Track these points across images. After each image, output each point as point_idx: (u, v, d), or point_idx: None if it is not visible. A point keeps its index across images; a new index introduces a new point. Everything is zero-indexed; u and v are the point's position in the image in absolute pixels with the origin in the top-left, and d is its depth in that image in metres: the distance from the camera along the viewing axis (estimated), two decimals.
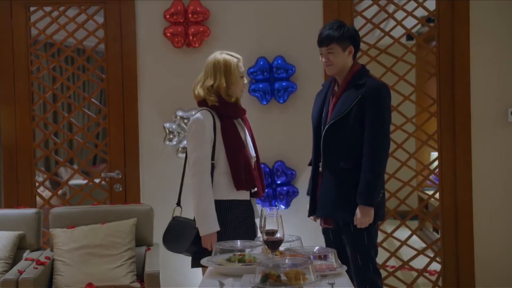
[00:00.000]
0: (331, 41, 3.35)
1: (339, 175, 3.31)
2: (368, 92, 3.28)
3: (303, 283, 2.15)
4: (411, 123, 4.65)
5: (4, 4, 4.58)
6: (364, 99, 3.27)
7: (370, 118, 3.26)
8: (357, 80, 3.34)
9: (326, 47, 3.36)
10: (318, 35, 3.42)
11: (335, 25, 3.39)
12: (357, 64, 3.44)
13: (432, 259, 4.55)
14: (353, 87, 3.33)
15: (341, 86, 3.39)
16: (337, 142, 3.32)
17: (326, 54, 3.38)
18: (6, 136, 4.61)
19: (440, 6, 4.45)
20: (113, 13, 4.56)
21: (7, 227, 4.01)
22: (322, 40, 3.39)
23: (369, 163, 3.23)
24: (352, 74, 3.38)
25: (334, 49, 3.35)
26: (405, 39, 6.22)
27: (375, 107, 3.27)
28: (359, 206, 3.24)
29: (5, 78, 4.61)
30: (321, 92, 3.56)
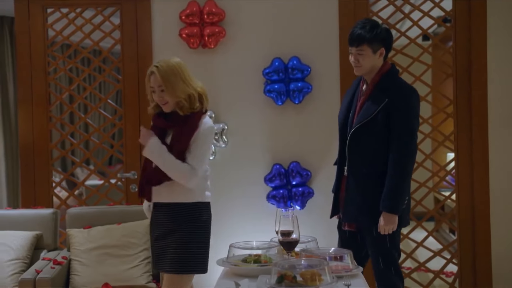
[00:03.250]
0: (362, 42, 3.25)
1: (363, 180, 3.26)
2: (395, 96, 3.21)
3: (319, 284, 2.14)
4: (427, 124, 4.63)
5: (22, 6, 4.62)
6: (391, 103, 3.20)
7: (397, 122, 3.19)
8: (385, 83, 3.27)
9: (356, 48, 3.26)
10: (350, 33, 3.31)
11: (368, 25, 3.27)
12: (387, 64, 3.35)
13: (448, 260, 4.52)
14: (380, 89, 3.25)
15: (369, 87, 3.32)
16: (363, 146, 3.26)
17: (355, 55, 3.28)
18: (23, 137, 4.65)
19: (457, 6, 4.42)
20: (129, 15, 4.58)
21: (24, 227, 4.04)
22: (352, 40, 3.28)
23: (395, 169, 3.18)
24: (380, 76, 3.30)
25: (365, 50, 3.26)
26: (421, 39, 6.19)
27: (402, 111, 3.21)
28: (383, 213, 3.18)
29: (23, 79, 4.65)
30: (350, 90, 3.48)
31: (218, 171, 4.52)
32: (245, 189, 4.48)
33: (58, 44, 4.82)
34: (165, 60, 3.06)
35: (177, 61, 3.08)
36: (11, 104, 7.73)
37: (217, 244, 4.33)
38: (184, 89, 3.01)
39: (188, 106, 3.02)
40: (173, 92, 2.99)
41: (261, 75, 4.43)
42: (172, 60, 3.07)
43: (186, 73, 3.06)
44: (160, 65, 3.03)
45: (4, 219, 4.10)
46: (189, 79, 3.06)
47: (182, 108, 3.03)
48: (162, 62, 3.05)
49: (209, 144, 3.10)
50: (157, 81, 3.00)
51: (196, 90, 3.06)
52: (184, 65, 3.09)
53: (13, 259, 3.82)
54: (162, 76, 2.99)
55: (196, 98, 3.05)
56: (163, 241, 3.07)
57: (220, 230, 4.47)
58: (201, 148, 3.03)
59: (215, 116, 4.47)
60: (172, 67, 3.02)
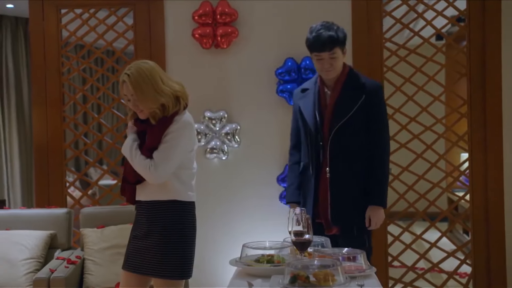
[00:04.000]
0: (335, 45, 3.17)
1: (350, 179, 3.22)
2: (370, 93, 3.22)
3: (332, 285, 2.14)
4: (440, 124, 4.60)
5: (36, 7, 4.65)
6: (367, 99, 3.20)
7: (376, 118, 3.23)
8: (354, 81, 3.25)
9: (330, 52, 3.17)
10: (314, 38, 3.19)
11: (333, 26, 3.20)
12: (345, 64, 3.31)
13: (462, 261, 4.49)
14: (353, 88, 3.23)
15: (336, 87, 3.25)
16: (345, 145, 3.21)
17: (328, 59, 3.18)
18: (37, 137, 4.68)
19: (471, 6, 4.39)
20: (142, 15, 4.60)
21: (38, 226, 4.07)
22: (324, 44, 3.16)
23: (380, 164, 3.23)
24: (345, 75, 3.26)
25: (337, 53, 3.18)
26: (434, 39, 6.16)
27: (378, 107, 3.25)
28: (372, 207, 3.20)
29: (37, 79, 4.68)
30: (308, 96, 3.35)
31: (230, 171, 4.53)
32: (257, 189, 4.49)
33: (71, 45, 4.85)
34: (137, 67, 2.87)
35: (148, 67, 2.89)
36: (25, 105, 7.79)
37: (230, 244, 4.36)
38: (156, 99, 2.84)
39: (161, 115, 2.88)
40: (145, 103, 2.84)
41: (273, 75, 4.43)
42: (144, 66, 2.88)
43: (158, 78, 2.87)
44: (131, 72, 2.85)
45: (19, 219, 4.13)
46: (162, 85, 2.87)
47: (154, 117, 2.89)
48: (133, 69, 2.87)
49: (179, 139, 2.88)
50: (129, 91, 2.85)
51: (171, 95, 2.88)
52: (156, 70, 2.91)
53: (27, 258, 3.85)
54: (133, 85, 2.84)
55: (171, 106, 2.88)
56: (141, 241, 2.95)
57: (232, 230, 4.48)
58: (169, 143, 2.86)
59: (228, 116, 4.47)
60: (143, 76, 2.84)
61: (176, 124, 2.89)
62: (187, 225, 2.96)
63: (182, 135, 2.89)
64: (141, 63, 2.90)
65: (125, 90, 2.89)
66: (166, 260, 2.91)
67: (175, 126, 2.88)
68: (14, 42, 7.75)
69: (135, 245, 2.99)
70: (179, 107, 2.92)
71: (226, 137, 4.47)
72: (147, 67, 2.89)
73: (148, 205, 2.96)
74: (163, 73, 2.95)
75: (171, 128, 2.88)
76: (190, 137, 2.95)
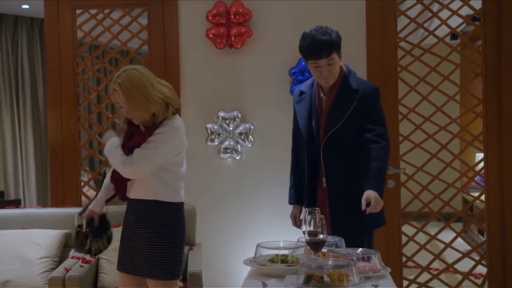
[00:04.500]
0: (332, 50, 3.03)
1: (347, 188, 3.08)
2: (363, 97, 3.08)
3: (347, 285, 2.13)
4: (455, 124, 4.58)
5: (51, 7, 4.68)
6: (360, 104, 3.07)
7: (370, 118, 3.07)
8: (348, 85, 3.12)
9: (327, 58, 3.03)
10: (309, 45, 3.05)
11: (324, 30, 3.05)
12: (341, 66, 3.17)
13: (477, 262, 4.46)
14: (346, 92, 3.10)
15: (331, 92, 3.14)
16: (339, 152, 3.10)
17: (326, 66, 3.05)
18: (53, 137, 4.71)
19: (486, 5, 4.36)
20: (156, 15, 4.61)
21: (53, 225, 4.10)
22: (321, 51, 3.01)
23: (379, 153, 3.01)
24: (340, 79, 3.13)
25: (334, 58, 3.05)
26: (449, 38, 6.13)
27: (371, 108, 3.10)
28: (371, 192, 2.95)
29: (52, 80, 4.71)
30: (304, 100, 3.25)
31: (244, 171, 4.53)
32: (271, 189, 4.48)
33: (86, 45, 4.88)
34: (127, 75, 2.85)
35: (138, 74, 2.87)
36: (40, 105, 7.85)
37: (244, 244, 4.37)
38: (147, 108, 2.84)
39: (151, 123, 2.90)
40: (136, 111, 2.86)
41: (287, 75, 4.43)
42: (134, 74, 2.86)
43: (149, 85, 2.86)
44: (121, 81, 2.84)
45: (34, 218, 4.16)
46: (153, 92, 2.86)
47: (145, 124, 2.91)
48: (123, 77, 2.85)
49: (162, 142, 2.88)
50: (121, 99, 2.86)
51: (161, 103, 2.87)
52: (146, 76, 2.89)
53: (43, 257, 3.88)
54: (125, 94, 2.83)
55: (160, 114, 2.88)
56: (129, 241, 2.99)
57: (246, 230, 4.49)
58: (151, 143, 2.87)
59: (242, 116, 4.48)
60: (134, 84, 2.83)
61: (164, 127, 2.91)
62: (171, 226, 2.98)
63: (167, 139, 2.91)
64: (131, 70, 2.89)
65: (116, 98, 2.89)
66: (152, 260, 2.94)
67: (162, 129, 2.90)
68: (30, 43, 7.81)
69: (124, 245, 3.05)
70: (168, 114, 2.91)
71: (240, 137, 4.48)
72: (137, 74, 2.87)
73: (134, 204, 3.02)
74: (153, 78, 2.93)
75: (157, 130, 2.90)
76: (176, 142, 2.95)
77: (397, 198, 4.38)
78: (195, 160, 4.56)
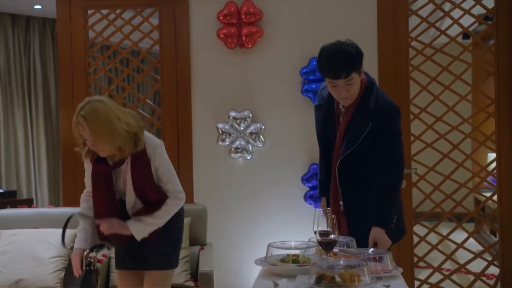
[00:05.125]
0: (351, 70, 2.82)
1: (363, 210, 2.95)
2: (378, 119, 2.89)
3: (358, 285, 2.13)
4: (467, 124, 4.55)
5: (63, 8, 4.70)
6: (375, 126, 2.89)
7: (383, 142, 2.90)
8: (366, 103, 2.91)
9: (346, 79, 2.82)
10: (326, 63, 2.83)
11: (344, 47, 2.84)
12: (363, 79, 2.95)
13: (490, 262, 4.44)
14: (363, 112, 2.91)
15: (349, 110, 2.96)
16: (356, 174, 2.96)
17: (344, 86, 2.84)
18: (65, 137, 4.73)
19: (499, 4, 4.34)
20: (167, 15, 4.62)
21: None
22: (339, 71, 2.80)
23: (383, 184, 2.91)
24: (360, 95, 2.93)
25: (354, 78, 2.84)
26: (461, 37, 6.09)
27: (387, 131, 2.91)
28: (374, 231, 2.88)
29: (64, 80, 4.73)
30: (321, 108, 3.10)
31: (255, 170, 4.53)
32: (282, 189, 4.48)
33: (98, 45, 4.90)
34: (92, 108, 2.77)
35: (103, 107, 2.79)
36: (52, 105, 7.90)
37: (255, 243, 4.37)
38: (113, 141, 2.78)
39: (119, 156, 2.85)
40: (102, 145, 2.79)
41: (298, 75, 4.42)
42: (99, 107, 2.78)
43: (114, 118, 2.78)
44: (86, 114, 2.75)
45: (46, 218, 4.18)
46: (119, 124, 2.78)
47: (112, 158, 2.86)
48: (88, 109, 2.77)
49: (166, 159, 2.95)
50: (86, 133, 2.77)
51: (127, 136, 2.80)
52: (111, 108, 2.80)
53: (55, 256, 3.90)
54: (90, 128, 2.75)
55: (128, 148, 2.82)
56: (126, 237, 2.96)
57: (257, 230, 4.49)
58: (165, 168, 2.92)
59: (252, 116, 4.48)
60: (99, 117, 2.76)
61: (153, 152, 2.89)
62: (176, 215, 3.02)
63: (163, 153, 2.95)
64: (96, 102, 2.80)
65: (81, 131, 2.80)
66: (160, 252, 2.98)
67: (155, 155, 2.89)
68: (42, 43, 7.85)
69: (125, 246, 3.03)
70: (141, 146, 2.86)
71: (251, 136, 4.48)
72: (102, 106, 2.79)
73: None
74: (118, 109, 2.85)
75: (154, 159, 2.89)
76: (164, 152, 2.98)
77: (409, 198, 4.36)
78: (206, 160, 4.58)
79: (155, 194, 2.91)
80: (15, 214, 4.27)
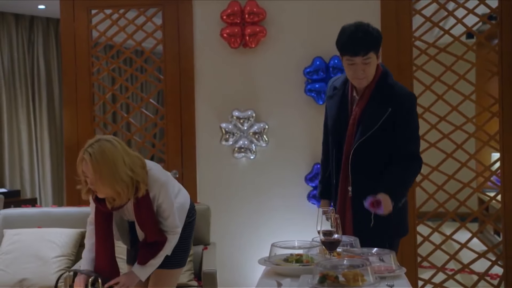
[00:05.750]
0: (370, 49, 2.85)
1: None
2: (398, 105, 2.89)
3: (362, 285, 2.13)
4: (471, 123, 4.54)
5: (67, 8, 4.71)
6: (394, 112, 2.88)
7: (404, 136, 2.91)
8: (383, 90, 2.92)
9: (364, 57, 2.84)
10: (347, 40, 2.87)
11: (365, 27, 2.88)
12: (378, 66, 2.97)
13: (493, 262, 4.43)
14: (380, 98, 2.91)
15: (365, 95, 2.95)
16: (368, 162, 2.93)
17: (361, 65, 2.86)
18: (68, 136, 4.74)
19: (503, 4, 4.33)
20: (171, 15, 4.63)
21: (69, 224, 4.12)
22: (358, 48, 2.83)
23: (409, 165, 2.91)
24: (375, 81, 2.94)
25: (371, 57, 2.87)
26: (465, 37, 6.08)
27: (407, 116, 2.92)
28: (383, 195, 2.81)
29: (68, 79, 4.74)
30: (335, 97, 3.08)
31: (258, 170, 4.53)
32: (285, 189, 4.48)
33: (101, 45, 4.90)
34: (100, 147, 2.70)
35: (111, 148, 2.72)
36: (56, 104, 7.91)
37: (258, 243, 4.37)
38: (113, 186, 2.70)
39: (118, 201, 2.79)
40: (101, 187, 2.72)
41: (302, 74, 4.42)
42: (107, 147, 2.71)
43: (121, 162, 2.71)
44: (93, 152, 2.69)
45: (50, 217, 4.19)
46: (123, 169, 2.71)
47: (111, 202, 2.82)
48: (96, 148, 2.70)
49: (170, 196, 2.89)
50: (89, 171, 2.70)
51: (129, 183, 2.74)
52: (119, 151, 2.73)
53: (58, 255, 3.90)
54: (94, 167, 2.67)
55: (125, 194, 2.75)
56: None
57: (260, 229, 4.49)
58: (168, 205, 2.87)
59: (256, 115, 4.48)
60: (105, 158, 2.68)
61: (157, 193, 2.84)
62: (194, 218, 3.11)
63: (167, 191, 2.88)
64: (105, 142, 2.73)
65: (84, 167, 2.73)
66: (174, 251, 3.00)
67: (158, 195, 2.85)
68: (46, 43, 7.87)
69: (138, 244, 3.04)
70: (142, 193, 2.79)
71: (254, 136, 4.48)
72: (110, 147, 2.72)
73: None
74: (126, 152, 2.77)
75: (157, 200, 2.85)
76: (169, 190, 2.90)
77: (412, 198, 4.35)
78: (209, 160, 4.58)
79: (155, 235, 2.89)
80: (19, 213, 4.28)
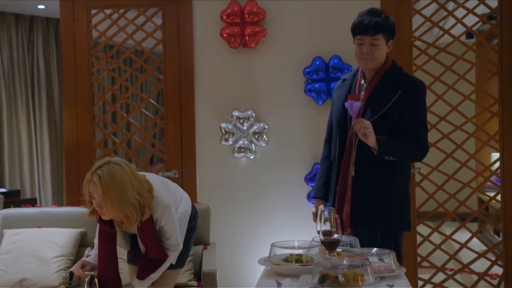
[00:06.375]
0: (379, 31, 2.96)
1: (375, 183, 2.97)
2: (408, 88, 2.97)
3: (362, 285, 2.13)
4: (471, 123, 4.54)
5: (67, 7, 4.71)
6: (404, 96, 2.95)
7: (410, 116, 2.96)
8: (393, 76, 3.02)
9: (372, 37, 2.96)
10: (359, 21, 3.01)
11: (382, 13, 3.01)
12: (389, 58, 3.09)
13: (493, 262, 4.43)
14: (389, 83, 2.99)
15: (373, 81, 3.03)
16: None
17: (369, 45, 2.98)
18: (68, 136, 4.74)
19: (503, 3, 4.33)
20: (171, 15, 4.63)
21: (69, 224, 4.12)
22: (367, 28, 2.96)
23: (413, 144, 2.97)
24: (385, 69, 3.04)
25: (380, 40, 2.97)
26: (465, 37, 6.08)
27: (417, 103, 2.98)
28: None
29: (68, 79, 4.74)
30: (343, 86, 3.17)
31: (258, 170, 4.53)
32: (285, 189, 4.48)
33: (101, 45, 4.90)
34: (110, 170, 2.69)
35: (121, 172, 2.70)
36: (56, 104, 7.91)
37: (258, 243, 4.37)
38: (122, 209, 2.70)
39: (127, 225, 2.79)
40: (109, 210, 2.71)
41: (301, 74, 4.42)
42: (117, 171, 2.70)
43: (129, 186, 2.70)
44: (102, 174, 2.67)
45: (50, 217, 4.19)
46: (132, 193, 2.70)
47: (120, 225, 2.82)
48: (105, 171, 2.69)
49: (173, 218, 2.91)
50: (97, 193, 2.69)
51: (137, 206, 2.74)
52: (128, 174, 2.72)
53: (58, 255, 3.90)
54: (103, 190, 2.66)
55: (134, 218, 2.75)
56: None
57: (260, 229, 4.49)
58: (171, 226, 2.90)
59: (256, 115, 4.48)
60: (114, 182, 2.67)
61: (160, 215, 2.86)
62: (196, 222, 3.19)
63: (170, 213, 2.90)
64: (115, 166, 2.72)
65: (91, 189, 2.71)
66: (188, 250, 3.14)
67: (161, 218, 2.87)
68: (45, 43, 7.87)
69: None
70: (146, 217, 2.80)
71: (254, 136, 4.48)
72: (120, 172, 2.71)
73: None
74: (134, 175, 2.76)
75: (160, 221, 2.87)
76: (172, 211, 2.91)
77: (412, 198, 4.35)
78: (209, 160, 4.58)
79: (157, 254, 2.92)
80: (19, 213, 4.27)
